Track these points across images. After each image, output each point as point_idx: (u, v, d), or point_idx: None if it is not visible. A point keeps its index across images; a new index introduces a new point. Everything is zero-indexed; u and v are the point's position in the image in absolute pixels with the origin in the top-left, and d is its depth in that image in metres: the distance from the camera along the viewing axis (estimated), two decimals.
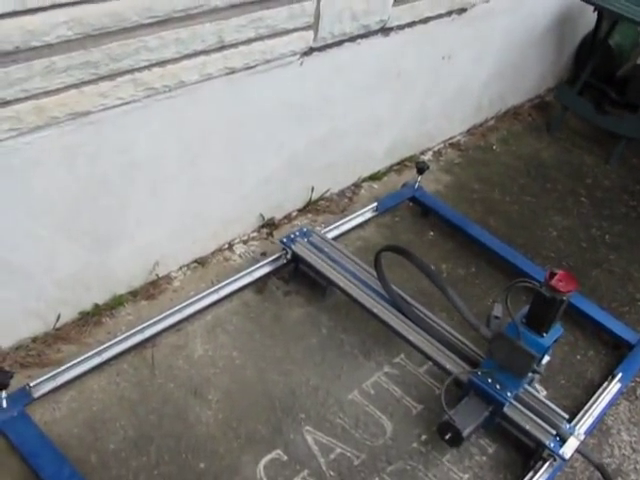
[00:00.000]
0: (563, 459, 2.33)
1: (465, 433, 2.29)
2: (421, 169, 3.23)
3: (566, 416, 2.42)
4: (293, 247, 2.76)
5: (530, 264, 3.11)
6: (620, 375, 2.72)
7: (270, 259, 2.82)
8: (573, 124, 4.31)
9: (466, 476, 2.39)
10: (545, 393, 2.71)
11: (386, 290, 2.66)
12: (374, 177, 3.48)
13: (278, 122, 2.79)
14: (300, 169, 3.04)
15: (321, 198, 3.26)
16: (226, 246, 2.96)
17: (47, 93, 1.98)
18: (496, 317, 2.39)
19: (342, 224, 3.05)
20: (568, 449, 2.34)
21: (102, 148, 2.23)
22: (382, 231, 3.23)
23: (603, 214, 3.68)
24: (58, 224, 2.26)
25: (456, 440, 2.31)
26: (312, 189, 3.17)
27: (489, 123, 4.15)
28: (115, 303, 2.61)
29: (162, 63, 2.22)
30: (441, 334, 2.59)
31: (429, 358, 2.55)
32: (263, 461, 2.29)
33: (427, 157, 3.75)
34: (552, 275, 2.24)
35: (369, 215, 3.14)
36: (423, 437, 2.46)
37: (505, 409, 2.38)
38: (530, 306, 2.32)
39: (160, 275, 2.73)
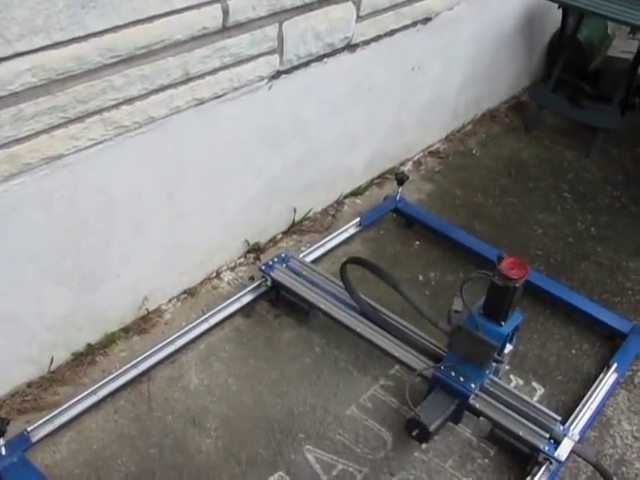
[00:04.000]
0: (559, 462, 2.33)
1: (432, 427, 2.31)
2: (401, 180, 3.26)
3: (558, 418, 2.42)
4: (272, 274, 2.79)
5: None
6: (615, 365, 2.73)
7: (254, 285, 2.84)
8: (551, 122, 4.34)
9: None
10: (542, 391, 2.72)
11: (354, 299, 2.69)
12: (356, 193, 3.51)
13: (253, 147, 2.82)
14: (280, 192, 3.06)
15: (305, 218, 3.29)
16: (214, 274, 2.98)
17: (18, 140, 2.01)
18: (456, 311, 2.41)
19: (326, 242, 3.08)
20: (563, 451, 2.34)
21: (78, 189, 2.25)
22: (368, 245, 3.25)
23: (587, 207, 3.70)
24: (43, 269, 2.28)
25: (424, 435, 2.33)
26: (294, 210, 3.19)
27: (467, 128, 4.18)
28: (107, 341, 2.63)
29: (130, 100, 2.25)
30: (407, 335, 2.60)
31: (396, 360, 2.57)
32: None
33: (407, 167, 3.78)
34: (500, 260, 2.26)
35: (353, 231, 3.17)
36: (423, 445, 2.46)
37: (471, 401, 2.40)
38: (486, 296, 2.34)
39: (150, 309, 2.75)
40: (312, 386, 2.60)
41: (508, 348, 2.46)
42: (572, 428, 2.44)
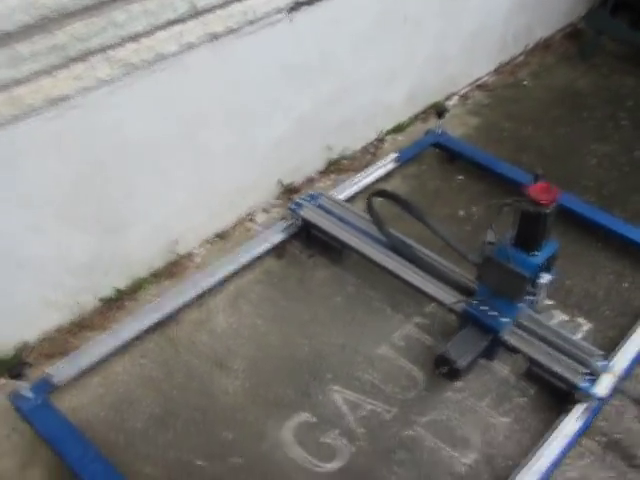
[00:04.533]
0: (598, 399, 2.19)
1: (461, 364, 2.22)
2: (440, 112, 3.11)
3: (598, 352, 2.27)
4: (301, 212, 2.71)
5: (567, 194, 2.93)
6: None
7: (284, 225, 2.77)
8: (610, 48, 4.07)
9: (506, 420, 2.28)
10: (588, 327, 2.57)
11: (382, 233, 2.59)
12: (397, 129, 3.38)
13: (280, 84, 2.73)
14: (313, 129, 2.97)
15: (342, 157, 3.19)
16: (247, 216, 2.93)
17: (17, 81, 1.98)
18: (490, 243, 2.26)
19: (361, 179, 2.97)
20: (602, 388, 2.20)
21: (90, 131, 2.22)
22: (408, 181, 3.13)
23: None
24: (60, 213, 2.28)
25: (454, 373, 2.25)
26: (330, 149, 3.09)
27: (518, 59, 3.96)
28: (137, 286, 2.62)
29: (135, 37, 2.20)
30: (439, 270, 2.50)
31: (427, 296, 2.47)
32: (292, 425, 2.25)
33: (453, 102, 3.62)
34: (533, 187, 2.14)
35: (390, 166, 3.05)
36: (458, 384, 2.36)
37: (504, 336, 2.29)
38: (517, 225, 2.20)
39: (181, 253, 2.73)
40: (344, 326, 2.53)
41: (544, 279, 2.29)
42: (614, 364, 2.28)
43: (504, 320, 2.30)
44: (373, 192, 2.59)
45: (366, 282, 2.67)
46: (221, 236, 2.84)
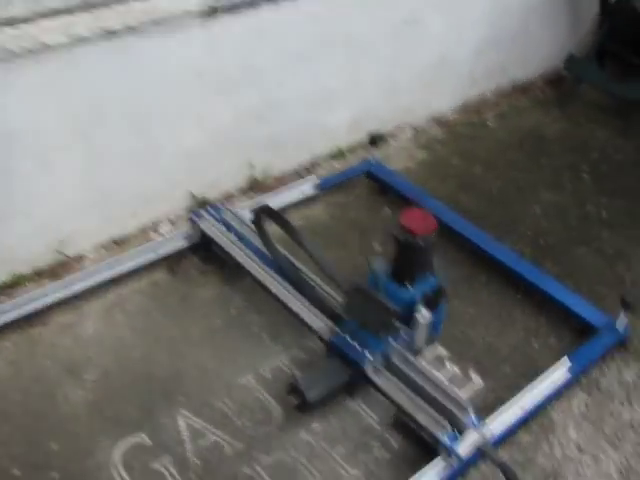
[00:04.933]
0: (459, 458, 1.98)
1: (309, 396, 2.06)
2: (373, 140, 2.96)
3: (470, 407, 2.06)
4: (200, 225, 2.57)
5: (489, 239, 2.75)
6: (568, 363, 2.32)
7: (181, 237, 2.64)
8: (592, 97, 3.85)
9: (355, 472, 2.08)
10: (480, 385, 2.34)
11: (268, 249, 2.43)
12: (337, 155, 3.23)
13: (192, 92, 2.63)
14: (232, 144, 2.85)
15: (268, 177, 3.05)
16: (151, 225, 2.80)
17: None
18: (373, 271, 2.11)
19: (275, 201, 2.81)
20: (466, 446, 1.99)
21: None
22: (331, 209, 2.98)
23: (605, 189, 3.24)
24: None
25: (303, 405, 2.08)
26: (252, 166, 2.96)
27: (488, 99, 3.78)
28: (15, 282, 2.52)
29: (11, 22, 2.11)
30: (318, 296, 2.34)
31: (302, 322, 2.31)
32: (124, 445, 2.09)
33: (405, 134, 3.46)
34: (408, 214, 2.05)
35: (309, 192, 2.90)
36: (314, 425, 2.18)
37: (369, 373, 2.11)
38: (394, 255, 2.07)
39: (70, 255, 2.62)
40: (214, 350, 2.38)
41: (423, 317, 2.14)
42: (486, 424, 2.08)
43: (367, 355, 2.12)
44: (256, 208, 2.43)
45: (252, 306, 2.52)
46: (119, 243, 2.73)
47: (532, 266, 2.68)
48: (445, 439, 2.00)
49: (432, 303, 2.18)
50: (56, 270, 2.59)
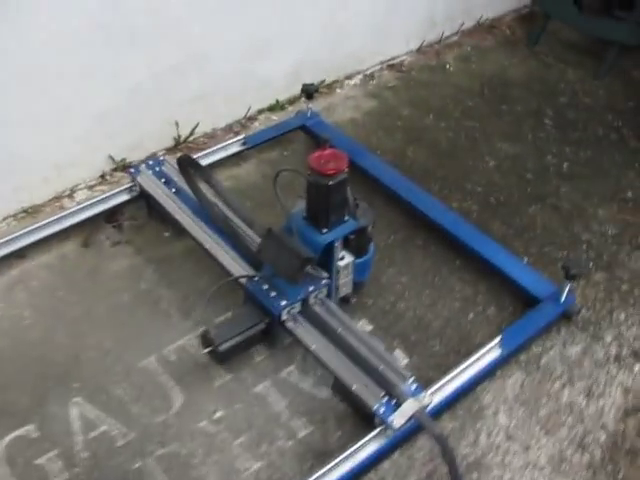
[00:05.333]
0: (393, 429, 1.82)
1: (223, 347, 1.94)
2: (307, 92, 2.71)
3: (407, 374, 1.90)
4: (138, 178, 2.42)
5: (430, 199, 2.52)
6: (500, 338, 2.11)
7: (92, 201, 2.46)
8: (565, 35, 3.54)
9: (256, 465, 1.91)
10: (405, 361, 2.16)
11: (192, 191, 2.28)
12: (274, 108, 2.99)
13: (96, 47, 2.39)
14: (153, 102, 2.64)
15: (199, 135, 2.83)
16: (67, 193, 2.61)
17: None
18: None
19: (202, 160, 2.58)
20: (402, 415, 1.81)
21: None
22: (262, 168, 2.75)
23: (569, 138, 2.97)
24: None
25: (216, 354, 1.97)
26: (177, 124, 2.73)
27: (450, 39, 3.48)
28: None
29: None
30: (241, 239, 2.17)
31: (221, 267, 2.17)
32: (7, 438, 1.94)
33: (354, 81, 3.20)
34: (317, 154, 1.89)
35: (234, 149, 2.67)
36: (218, 414, 2.01)
37: (286, 322, 2.01)
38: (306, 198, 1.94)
39: None
40: (117, 328, 2.20)
41: (344, 262, 2.04)
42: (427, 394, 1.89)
43: (283, 303, 1.98)
44: (179, 157, 2.29)
45: (164, 279, 2.34)
46: (30, 212, 2.54)
47: (473, 229, 2.44)
48: (379, 409, 1.83)
49: (355, 246, 2.07)
50: None
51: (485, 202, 2.65)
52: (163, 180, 2.43)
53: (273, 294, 2.01)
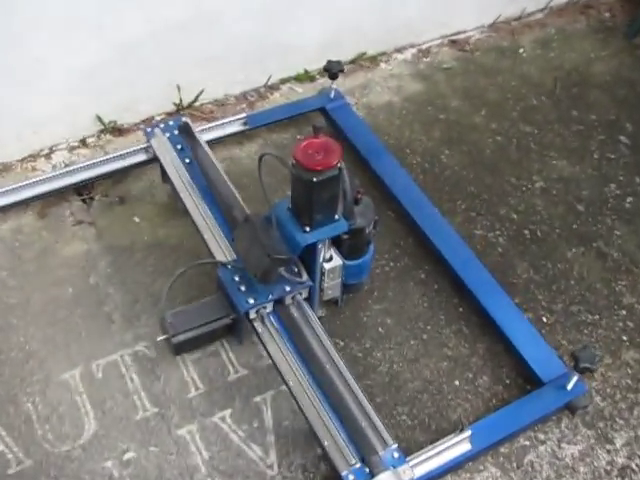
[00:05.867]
0: None
1: (177, 339, 1.74)
2: (331, 71, 2.29)
3: (391, 440, 1.60)
4: (152, 141, 2.13)
5: (444, 225, 2.11)
6: (469, 433, 1.71)
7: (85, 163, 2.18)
8: None
9: None
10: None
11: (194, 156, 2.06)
12: (301, 78, 2.58)
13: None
14: (149, 61, 2.30)
15: (206, 100, 2.48)
16: (44, 152, 2.34)
17: None
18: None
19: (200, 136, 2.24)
20: None
21: None
22: (266, 149, 2.38)
23: None
24: None
25: (171, 346, 1.78)
26: (178, 88, 2.39)
27: (532, 17, 2.92)
28: None
29: None
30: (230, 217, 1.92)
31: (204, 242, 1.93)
32: None
33: (404, 56, 2.73)
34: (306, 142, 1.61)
35: (232, 129, 2.31)
36: (128, 455, 1.76)
37: (254, 322, 1.79)
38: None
39: None
40: (50, 327, 1.96)
41: (330, 265, 1.80)
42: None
43: (252, 301, 1.74)
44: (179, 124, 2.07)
45: (117, 274, 2.06)
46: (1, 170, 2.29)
47: (486, 273, 2.01)
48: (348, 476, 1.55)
49: (349, 247, 1.82)
50: None
51: (517, 234, 2.21)
52: (179, 146, 2.12)
53: (243, 288, 1.76)
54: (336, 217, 1.71)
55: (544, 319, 2.03)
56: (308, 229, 1.68)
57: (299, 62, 2.53)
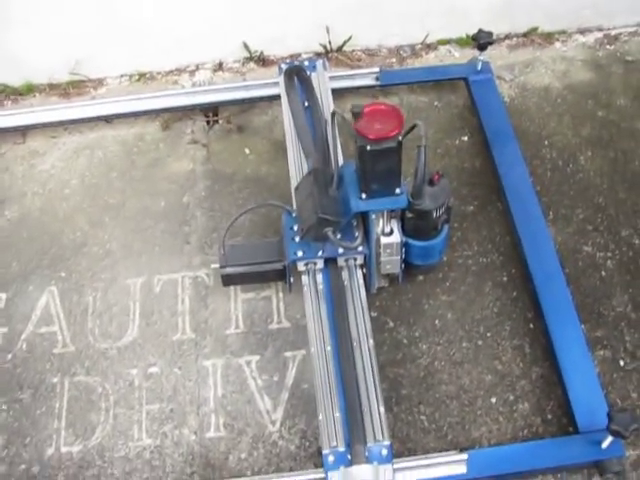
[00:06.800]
0: None
1: (227, 271, 1.79)
2: (480, 41, 2.13)
3: (386, 436, 1.53)
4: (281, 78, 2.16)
5: (543, 234, 1.92)
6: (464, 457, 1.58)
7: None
8: None
9: (148, 442, 1.74)
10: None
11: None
12: (463, 43, 2.42)
13: None
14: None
15: (358, 47, 2.42)
16: (187, 68, 2.44)
17: None
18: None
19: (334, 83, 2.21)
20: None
21: None
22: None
23: None
24: None
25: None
26: (328, 30, 2.35)
27: None
28: (26, 90, 2.41)
29: None
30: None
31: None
32: None
33: (585, 39, 2.44)
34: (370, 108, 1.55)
35: (364, 82, 2.23)
36: (152, 369, 1.85)
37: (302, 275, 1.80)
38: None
39: (90, 76, 2.42)
40: (133, 233, 2.09)
41: (387, 240, 1.72)
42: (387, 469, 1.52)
43: (299, 254, 1.76)
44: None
45: (208, 200, 2.12)
46: (145, 77, 2.44)
47: (565, 292, 1.80)
48: (328, 456, 1.52)
49: (413, 227, 1.74)
50: (67, 89, 2.41)
51: (630, 262, 1.93)
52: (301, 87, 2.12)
53: (297, 239, 1.76)
54: (397, 191, 1.61)
55: (621, 362, 1.77)
56: (364, 196, 1.62)
57: (462, 25, 2.36)
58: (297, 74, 2.07)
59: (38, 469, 1.70)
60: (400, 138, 1.52)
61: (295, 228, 1.78)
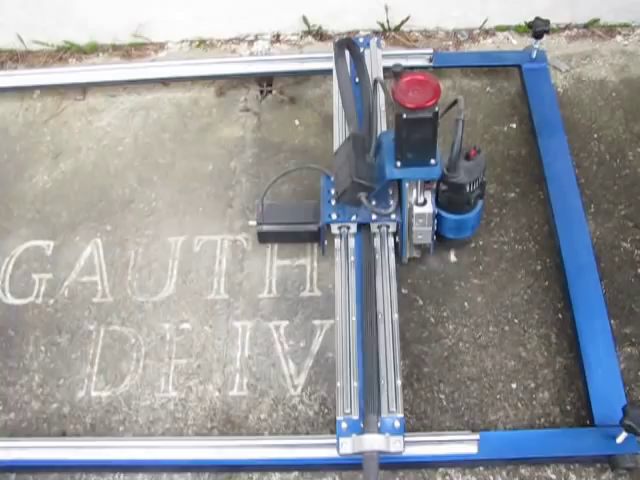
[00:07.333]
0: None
1: (263, 228, 1.90)
2: (536, 29, 2.11)
3: (400, 408, 1.55)
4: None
5: (580, 224, 1.91)
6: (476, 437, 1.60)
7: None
8: None
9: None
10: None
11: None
12: (522, 30, 2.40)
13: None
14: None
15: (416, 28, 2.43)
16: (246, 37, 2.49)
17: None
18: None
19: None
20: (344, 447, 1.53)
21: None
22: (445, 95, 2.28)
23: None
24: None
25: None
26: (387, 9, 2.37)
27: None
28: (90, 49, 2.50)
29: None
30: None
31: None
32: (27, 244, 2.09)
33: None
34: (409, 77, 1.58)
35: (416, 62, 2.23)
36: (184, 325, 1.91)
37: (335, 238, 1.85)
38: None
39: (152, 39, 2.49)
40: (179, 194, 2.16)
41: (419, 210, 1.75)
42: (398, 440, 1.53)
43: (334, 216, 1.82)
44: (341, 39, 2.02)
45: (254, 168, 2.17)
46: (205, 43, 2.50)
47: (596, 287, 1.79)
48: (341, 423, 1.55)
49: (447, 200, 1.77)
50: (129, 50, 2.48)
51: None
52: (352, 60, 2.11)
53: (333, 202, 1.82)
54: (432, 162, 1.64)
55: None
56: (399, 164, 1.64)
57: (522, 13, 2.34)
58: (348, 46, 2.08)
59: (68, 410, 1.78)
60: (436, 109, 1.54)
61: (332, 191, 1.82)
